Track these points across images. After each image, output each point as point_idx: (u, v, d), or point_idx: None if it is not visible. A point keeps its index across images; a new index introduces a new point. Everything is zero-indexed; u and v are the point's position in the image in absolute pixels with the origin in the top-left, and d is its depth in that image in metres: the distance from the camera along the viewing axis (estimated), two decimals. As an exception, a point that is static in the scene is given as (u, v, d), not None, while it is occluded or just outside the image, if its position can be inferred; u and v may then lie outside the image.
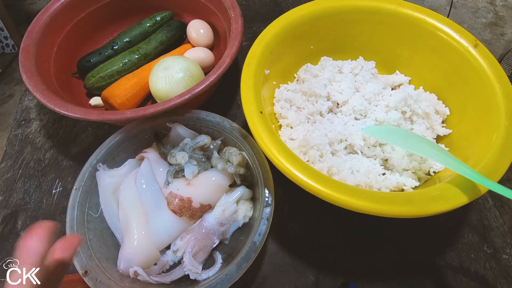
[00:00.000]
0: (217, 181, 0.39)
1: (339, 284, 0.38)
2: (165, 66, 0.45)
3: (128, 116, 0.39)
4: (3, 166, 0.47)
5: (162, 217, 0.36)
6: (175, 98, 0.40)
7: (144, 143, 0.43)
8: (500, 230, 0.42)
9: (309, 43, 0.48)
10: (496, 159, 0.33)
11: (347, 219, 0.42)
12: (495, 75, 0.39)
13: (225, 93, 0.53)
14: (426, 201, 0.31)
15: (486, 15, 1.58)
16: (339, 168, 0.38)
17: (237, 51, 0.45)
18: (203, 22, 0.56)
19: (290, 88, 0.47)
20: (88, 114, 0.39)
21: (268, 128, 0.36)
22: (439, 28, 0.43)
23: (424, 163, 0.39)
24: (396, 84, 0.48)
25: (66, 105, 0.40)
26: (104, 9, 0.55)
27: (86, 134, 0.50)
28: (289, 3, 0.69)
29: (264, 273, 0.39)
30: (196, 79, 0.46)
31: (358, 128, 0.41)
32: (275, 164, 0.33)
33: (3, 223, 0.42)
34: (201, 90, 0.41)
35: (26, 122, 0.52)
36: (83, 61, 0.52)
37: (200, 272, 0.34)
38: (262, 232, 0.34)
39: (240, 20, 0.48)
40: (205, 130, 0.43)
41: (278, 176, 0.35)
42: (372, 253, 0.40)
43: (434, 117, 0.43)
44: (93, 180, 0.38)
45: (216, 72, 0.42)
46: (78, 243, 0.26)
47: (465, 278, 0.38)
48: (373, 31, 0.47)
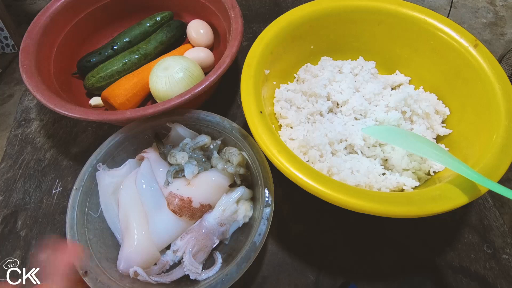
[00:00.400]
0: (217, 181, 0.39)
1: (339, 284, 0.38)
2: (165, 66, 0.45)
3: (128, 116, 0.39)
4: (3, 166, 0.47)
5: (162, 217, 0.36)
6: (175, 98, 0.40)
7: (144, 143, 0.43)
8: (500, 230, 0.42)
9: (309, 43, 0.48)
10: (496, 159, 0.33)
11: (347, 219, 0.42)
12: (495, 75, 0.39)
13: (225, 93, 0.53)
14: (426, 201, 0.31)
15: (486, 15, 1.58)
16: (339, 168, 0.38)
17: (237, 51, 0.45)
18: (203, 22, 0.56)
19: (290, 88, 0.47)
20: (88, 114, 0.39)
21: (268, 128, 0.36)
22: (439, 28, 0.43)
23: (424, 163, 0.39)
24: (396, 84, 0.48)
25: (66, 105, 0.40)
26: (104, 9, 0.55)
27: (86, 134, 0.50)
28: (289, 3, 0.69)
29: (264, 273, 0.39)
30: (196, 79, 0.46)
31: (358, 128, 0.41)
32: (275, 164, 0.33)
33: (3, 223, 0.42)
34: (201, 90, 0.41)
35: (26, 122, 0.52)
36: (83, 61, 0.52)
37: (200, 272, 0.34)
38: (262, 232, 0.34)
39: (240, 20, 0.48)
40: (205, 130, 0.43)
41: (278, 176, 0.35)
42: (372, 253, 0.40)
43: (434, 117, 0.43)
44: (93, 180, 0.38)
45: (216, 72, 0.42)
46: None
47: (465, 278, 0.38)
48: (373, 31, 0.47)
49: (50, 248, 0.23)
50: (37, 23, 0.48)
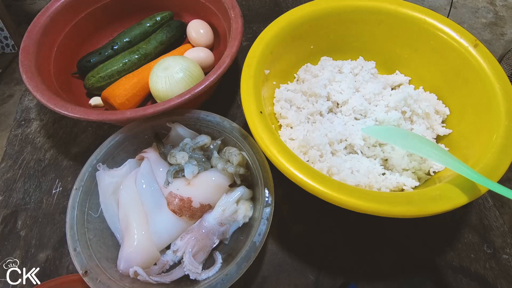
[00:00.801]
0: (217, 181, 0.39)
1: (339, 284, 0.38)
2: (165, 66, 0.45)
3: (128, 116, 0.39)
4: (3, 166, 0.47)
5: (162, 217, 0.36)
6: (175, 98, 0.40)
7: (144, 143, 0.43)
8: (500, 230, 0.42)
9: (309, 43, 0.48)
10: (496, 159, 0.33)
11: (347, 219, 0.42)
12: (495, 75, 0.39)
13: (225, 93, 0.53)
14: (426, 201, 0.31)
15: (486, 15, 1.58)
16: (339, 168, 0.38)
17: (237, 51, 0.45)
18: (203, 22, 0.56)
19: (290, 88, 0.47)
20: (88, 114, 0.39)
21: (268, 128, 0.36)
22: (439, 28, 0.43)
23: (424, 163, 0.39)
24: (396, 84, 0.48)
25: (66, 105, 0.40)
26: (104, 9, 0.55)
27: (86, 134, 0.50)
28: (289, 3, 0.69)
29: (264, 273, 0.39)
30: (196, 79, 0.46)
31: (358, 128, 0.41)
32: (275, 164, 0.33)
33: (3, 223, 0.42)
34: (201, 90, 0.41)
35: (26, 122, 0.52)
36: (83, 61, 0.52)
37: (200, 272, 0.34)
38: (262, 232, 0.34)
39: (240, 20, 0.48)
40: (205, 130, 0.43)
41: (278, 176, 0.35)
42: (372, 253, 0.40)
43: (434, 117, 0.43)
44: (93, 180, 0.38)
45: (216, 72, 0.42)
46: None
47: (465, 278, 0.38)
48: (373, 31, 0.47)
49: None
50: (37, 23, 0.48)
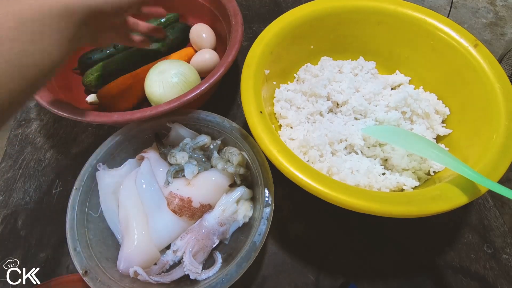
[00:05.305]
0: (217, 181, 0.39)
1: (339, 284, 0.38)
2: (160, 69, 0.45)
3: (115, 119, 0.39)
4: (3, 166, 0.47)
5: (162, 217, 0.36)
6: (163, 105, 0.39)
7: (144, 143, 0.43)
8: (500, 230, 0.42)
9: (309, 43, 0.48)
10: (496, 159, 0.33)
11: (347, 219, 0.42)
12: (495, 75, 0.39)
13: (225, 93, 0.53)
14: (426, 201, 0.31)
15: (486, 15, 1.58)
16: (339, 168, 0.38)
17: (233, 60, 0.44)
18: (206, 26, 0.55)
19: (290, 88, 0.47)
20: (75, 114, 0.39)
21: (268, 128, 0.36)
22: (439, 28, 0.43)
23: (424, 163, 0.39)
24: (396, 84, 0.48)
25: (55, 103, 0.40)
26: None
27: (86, 134, 0.50)
28: (289, 3, 0.69)
29: (264, 273, 0.39)
30: (191, 84, 0.45)
31: (358, 128, 0.41)
32: (275, 164, 0.33)
33: (3, 223, 0.42)
34: (190, 99, 0.40)
35: (26, 122, 0.52)
36: (85, 57, 0.52)
37: (200, 272, 0.34)
38: (262, 232, 0.34)
39: (240, 28, 0.47)
40: (205, 130, 0.43)
41: (278, 176, 0.35)
42: (372, 253, 0.40)
43: (434, 117, 0.43)
44: (93, 180, 0.38)
45: (209, 81, 0.41)
46: None
47: (465, 278, 0.38)
48: (373, 31, 0.47)
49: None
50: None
